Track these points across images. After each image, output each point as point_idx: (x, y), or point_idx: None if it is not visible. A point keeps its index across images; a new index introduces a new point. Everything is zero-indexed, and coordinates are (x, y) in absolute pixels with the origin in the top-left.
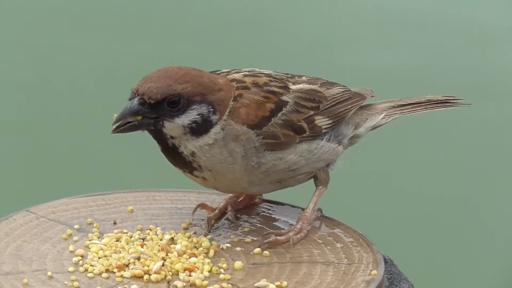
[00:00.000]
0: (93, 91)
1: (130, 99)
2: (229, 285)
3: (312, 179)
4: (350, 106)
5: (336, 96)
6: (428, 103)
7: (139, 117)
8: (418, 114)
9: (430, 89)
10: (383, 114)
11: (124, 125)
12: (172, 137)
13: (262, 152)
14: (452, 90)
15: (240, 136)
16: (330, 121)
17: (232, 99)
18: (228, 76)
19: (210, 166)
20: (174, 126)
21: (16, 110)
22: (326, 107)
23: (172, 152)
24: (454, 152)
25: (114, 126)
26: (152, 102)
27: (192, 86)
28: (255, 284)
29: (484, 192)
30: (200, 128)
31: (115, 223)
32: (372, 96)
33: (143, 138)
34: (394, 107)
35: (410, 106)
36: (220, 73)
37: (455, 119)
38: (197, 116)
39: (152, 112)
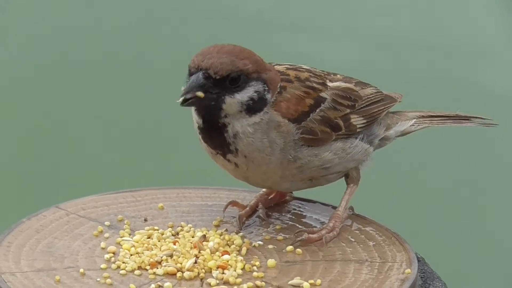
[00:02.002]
0: (124, 88)
1: (190, 75)
2: (263, 283)
3: (343, 178)
4: (383, 107)
5: (370, 96)
6: (456, 118)
7: (203, 93)
8: (446, 127)
9: None
10: (413, 121)
11: (191, 99)
12: (226, 116)
13: (300, 147)
14: None
15: (282, 126)
16: (365, 121)
17: (278, 88)
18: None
19: (247, 152)
20: (234, 102)
21: (46, 106)
22: (361, 106)
23: (213, 131)
24: (488, 151)
25: (182, 99)
26: (217, 77)
27: (250, 63)
28: (289, 282)
29: None
30: (255, 106)
31: (146, 220)
32: (399, 102)
33: (171, 135)
34: (424, 116)
35: (439, 118)
36: None
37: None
38: (254, 93)
39: (215, 87)
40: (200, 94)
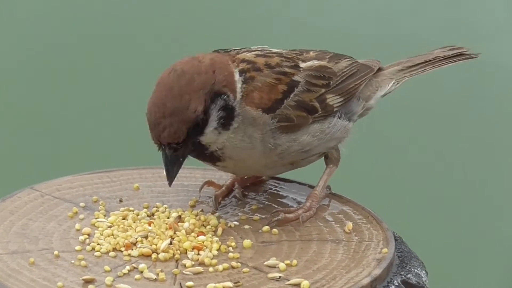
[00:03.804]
0: (98, 68)
1: (160, 150)
2: (239, 264)
3: (322, 158)
4: (359, 81)
5: (345, 70)
6: (436, 60)
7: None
8: (428, 73)
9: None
10: (393, 80)
11: (176, 173)
12: (210, 145)
13: (278, 135)
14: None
15: (257, 120)
16: (341, 99)
17: (243, 81)
18: (239, 55)
19: (234, 155)
20: (208, 137)
21: (20, 87)
22: (337, 83)
23: (204, 153)
24: (464, 129)
25: (170, 181)
26: (181, 143)
27: (194, 98)
28: (265, 263)
29: (496, 168)
30: (228, 118)
31: (121, 201)
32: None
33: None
34: (402, 70)
35: (418, 67)
36: (230, 51)
37: (471, 94)
38: (219, 112)
39: (185, 144)
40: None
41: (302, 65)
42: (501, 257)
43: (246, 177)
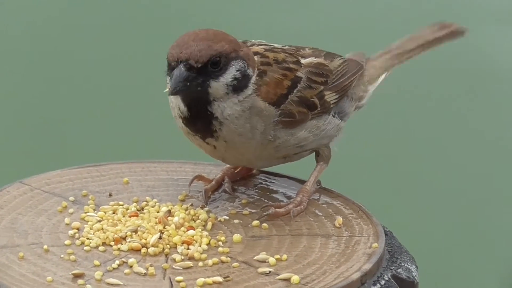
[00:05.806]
0: (89, 60)
1: (171, 68)
2: (228, 259)
3: (313, 154)
4: (352, 78)
5: (339, 68)
6: (425, 44)
7: (188, 83)
8: (419, 57)
9: None
10: (384, 73)
11: (179, 89)
12: (214, 100)
13: (278, 128)
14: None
15: (263, 111)
16: (337, 96)
17: (257, 73)
18: (251, 47)
19: (228, 137)
20: (219, 85)
21: (11, 80)
22: (333, 81)
23: (199, 119)
24: (456, 121)
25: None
26: (199, 65)
27: (227, 44)
28: (255, 258)
29: (486, 160)
30: (241, 84)
31: (110, 195)
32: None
33: (136, 109)
34: (392, 58)
35: (409, 53)
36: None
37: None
38: (237, 72)
39: (198, 76)
40: (183, 86)
41: (303, 61)
42: (492, 252)
43: (236, 171)
